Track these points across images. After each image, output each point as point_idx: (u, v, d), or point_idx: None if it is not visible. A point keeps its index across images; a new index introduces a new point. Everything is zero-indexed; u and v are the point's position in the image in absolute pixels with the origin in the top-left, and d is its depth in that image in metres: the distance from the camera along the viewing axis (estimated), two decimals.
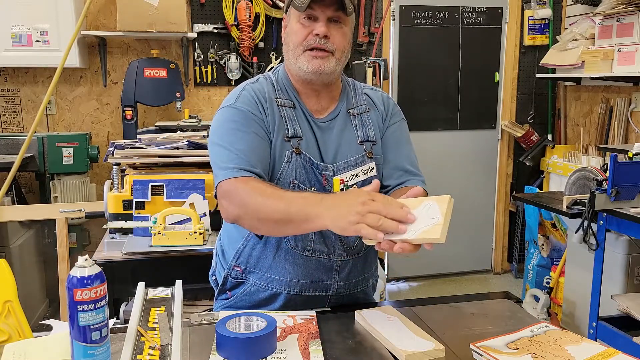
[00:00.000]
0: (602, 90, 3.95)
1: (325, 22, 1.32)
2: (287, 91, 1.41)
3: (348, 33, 1.38)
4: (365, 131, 1.44)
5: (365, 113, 1.46)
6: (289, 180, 1.34)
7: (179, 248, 2.06)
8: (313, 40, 1.33)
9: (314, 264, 1.39)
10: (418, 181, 1.45)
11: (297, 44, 1.35)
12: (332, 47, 1.34)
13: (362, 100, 1.48)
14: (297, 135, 1.36)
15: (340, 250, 1.40)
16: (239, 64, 3.76)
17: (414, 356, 1.08)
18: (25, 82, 3.65)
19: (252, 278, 1.43)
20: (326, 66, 1.34)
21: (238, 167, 1.26)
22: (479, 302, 1.34)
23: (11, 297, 1.18)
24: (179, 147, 2.38)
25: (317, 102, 1.42)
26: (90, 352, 0.96)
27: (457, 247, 4.29)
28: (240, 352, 1.06)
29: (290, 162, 1.34)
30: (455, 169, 4.32)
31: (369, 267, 1.51)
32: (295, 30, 1.35)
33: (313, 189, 1.35)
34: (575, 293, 3.12)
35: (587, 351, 1.07)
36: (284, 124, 1.36)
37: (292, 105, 1.40)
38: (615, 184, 2.43)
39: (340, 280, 1.42)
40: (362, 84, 1.54)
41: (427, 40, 4.13)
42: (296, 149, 1.35)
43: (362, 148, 1.42)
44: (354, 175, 1.40)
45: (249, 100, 1.36)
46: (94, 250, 2.16)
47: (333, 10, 1.32)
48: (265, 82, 1.42)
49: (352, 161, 1.40)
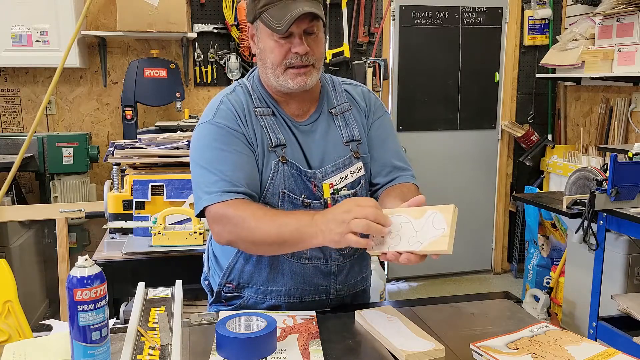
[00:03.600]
0: (602, 90, 3.95)
1: (301, 38, 1.26)
2: (264, 99, 1.37)
3: (322, 36, 1.33)
4: (350, 131, 1.40)
5: (348, 111, 1.42)
6: (278, 190, 1.31)
7: (179, 248, 2.06)
8: (294, 59, 1.27)
9: (311, 271, 1.37)
10: (408, 177, 1.43)
11: (275, 63, 1.29)
12: (312, 59, 1.30)
13: (342, 97, 1.44)
14: (280, 143, 1.32)
15: (336, 254, 1.38)
16: (239, 64, 3.76)
17: (414, 356, 1.08)
18: (25, 82, 3.64)
19: (247, 292, 1.39)
20: (310, 80, 1.31)
21: (222, 191, 1.23)
22: (479, 302, 1.34)
23: (11, 297, 1.18)
24: (179, 147, 2.38)
25: (298, 107, 1.38)
26: (90, 352, 0.96)
27: (457, 247, 4.18)
28: (240, 352, 1.06)
29: (277, 171, 1.31)
30: (455, 169, 4.32)
31: (366, 266, 1.51)
32: (271, 49, 1.28)
33: (303, 196, 1.33)
34: (575, 293, 3.12)
35: (587, 351, 1.07)
36: (266, 133, 1.33)
37: (272, 112, 1.36)
38: (615, 184, 2.43)
39: (339, 283, 1.41)
40: (340, 79, 1.49)
41: (427, 40, 4.13)
42: (282, 158, 1.31)
43: (348, 149, 1.39)
44: (342, 178, 1.37)
45: (227, 115, 1.32)
46: (94, 250, 2.16)
47: (307, 22, 1.26)
48: (242, 91, 1.38)
49: (339, 163, 1.37)
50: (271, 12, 1.24)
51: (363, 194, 1.42)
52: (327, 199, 1.34)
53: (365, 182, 1.42)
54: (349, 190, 1.37)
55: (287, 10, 1.22)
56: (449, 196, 4.21)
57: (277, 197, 1.31)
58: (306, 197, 1.33)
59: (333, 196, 1.35)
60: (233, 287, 1.39)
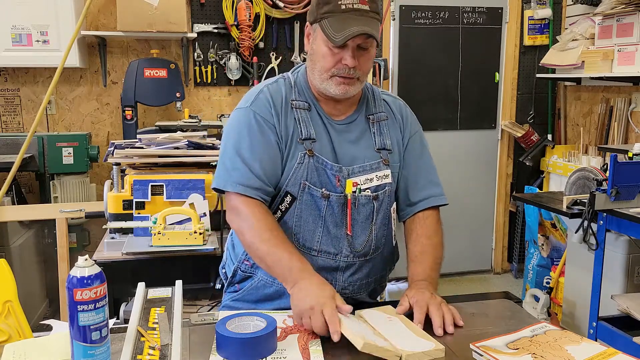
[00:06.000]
0: (602, 90, 3.95)
1: (353, 52, 1.32)
2: (304, 94, 1.44)
3: (374, 53, 1.39)
4: (383, 139, 1.46)
5: (384, 121, 1.49)
6: (300, 181, 1.37)
7: (179, 248, 2.06)
8: (342, 69, 1.34)
9: (319, 263, 1.41)
10: (439, 198, 1.52)
11: (324, 69, 1.36)
12: (359, 73, 1.36)
13: (380, 107, 1.51)
14: (310, 137, 1.39)
15: (347, 251, 1.42)
16: (239, 64, 3.76)
17: (414, 356, 1.08)
18: (25, 82, 3.65)
19: (259, 273, 1.46)
20: (352, 90, 1.38)
21: (245, 185, 1.34)
22: (479, 302, 1.34)
23: (11, 297, 1.18)
24: (179, 147, 2.38)
25: (335, 108, 1.44)
26: (90, 352, 0.96)
27: (457, 247, 4.29)
28: (240, 352, 1.06)
29: (302, 163, 1.37)
30: (455, 169, 4.32)
31: (375, 272, 1.51)
32: (323, 55, 1.35)
33: (323, 189, 1.37)
34: (575, 293, 3.12)
35: (587, 351, 1.07)
36: (297, 126, 1.39)
37: (308, 107, 1.42)
38: (615, 184, 2.43)
39: (344, 281, 1.44)
40: (380, 89, 1.57)
41: (427, 40, 4.13)
42: (309, 151, 1.37)
43: (379, 155, 1.45)
44: (368, 180, 1.42)
45: (264, 105, 1.39)
46: (94, 250, 2.16)
47: (363, 39, 1.32)
48: (284, 83, 1.45)
49: (367, 166, 1.42)
50: (331, 21, 1.30)
51: (386, 200, 1.46)
52: (348, 194, 1.39)
53: (390, 189, 1.46)
54: (372, 192, 1.42)
55: (347, 25, 1.29)
56: (449, 196, 4.17)
57: (297, 187, 1.38)
58: (327, 189, 1.38)
59: (354, 194, 1.40)
60: (249, 264, 1.47)
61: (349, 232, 1.41)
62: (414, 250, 1.44)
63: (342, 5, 1.30)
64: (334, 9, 1.30)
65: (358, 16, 1.30)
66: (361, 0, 1.31)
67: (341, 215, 1.40)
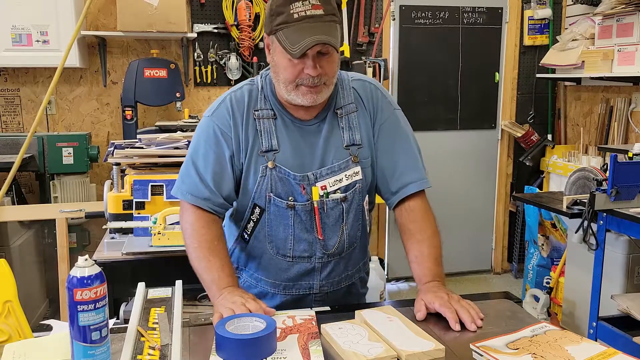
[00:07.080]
0: (602, 90, 3.95)
1: (314, 60, 1.27)
2: (270, 101, 1.41)
3: (337, 56, 1.33)
4: (352, 134, 1.42)
5: (353, 113, 1.43)
6: (265, 193, 1.38)
7: (179, 248, 2.06)
8: (306, 79, 1.29)
9: (295, 268, 1.44)
10: (415, 184, 1.44)
11: (288, 80, 1.31)
12: (324, 79, 1.31)
13: (350, 97, 1.44)
14: (272, 148, 1.37)
15: (320, 253, 1.43)
16: (239, 64, 3.76)
17: (414, 356, 1.08)
18: (25, 82, 3.64)
19: (244, 275, 1.51)
20: (320, 98, 1.34)
21: (194, 195, 1.37)
22: (479, 302, 1.34)
23: (11, 297, 1.18)
24: (179, 147, 2.38)
25: (307, 111, 1.41)
26: (90, 352, 0.96)
27: (457, 247, 4.29)
28: (240, 353, 1.06)
29: (265, 175, 1.37)
30: (455, 169, 4.32)
31: (353, 266, 1.53)
32: (285, 67, 1.30)
33: (290, 198, 1.37)
34: (575, 293, 3.12)
35: (587, 351, 1.07)
36: (259, 137, 1.37)
37: (274, 115, 1.40)
38: (615, 184, 2.43)
39: (322, 280, 1.47)
40: (349, 74, 1.49)
41: (427, 40, 4.13)
42: (270, 163, 1.36)
43: (348, 152, 1.41)
44: (336, 181, 1.40)
45: (223, 116, 1.39)
46: (94, 250, 2.16)
47: (321, 45, 1.26)
48: (250, 89, 1.42)
49: (335, 167, 1.40)
50: (287, 33, 1.26)
51: (357, 198, 1.43)
52: (315, 202, 1.38)
53: (361, 186, 1.43)
54: (342, 193, 1.40)
55: (303, 35, 1.24)
56: (449, 196, 4.22)
57: (264, 199, 1.39)
58: (293, 199, 1.38)
59: (322, 199, 1.39)
60: (235, 267, 1.50)
61: (320, 237, 1.41)
62: (412, 250, 1.42)
63: (294, 14, 1.24)
64: (287, 19, 1.25)
65: (313, 23, 1.24)
66: (314, 5, 1.25)
67: (310, 222, 1.40)
